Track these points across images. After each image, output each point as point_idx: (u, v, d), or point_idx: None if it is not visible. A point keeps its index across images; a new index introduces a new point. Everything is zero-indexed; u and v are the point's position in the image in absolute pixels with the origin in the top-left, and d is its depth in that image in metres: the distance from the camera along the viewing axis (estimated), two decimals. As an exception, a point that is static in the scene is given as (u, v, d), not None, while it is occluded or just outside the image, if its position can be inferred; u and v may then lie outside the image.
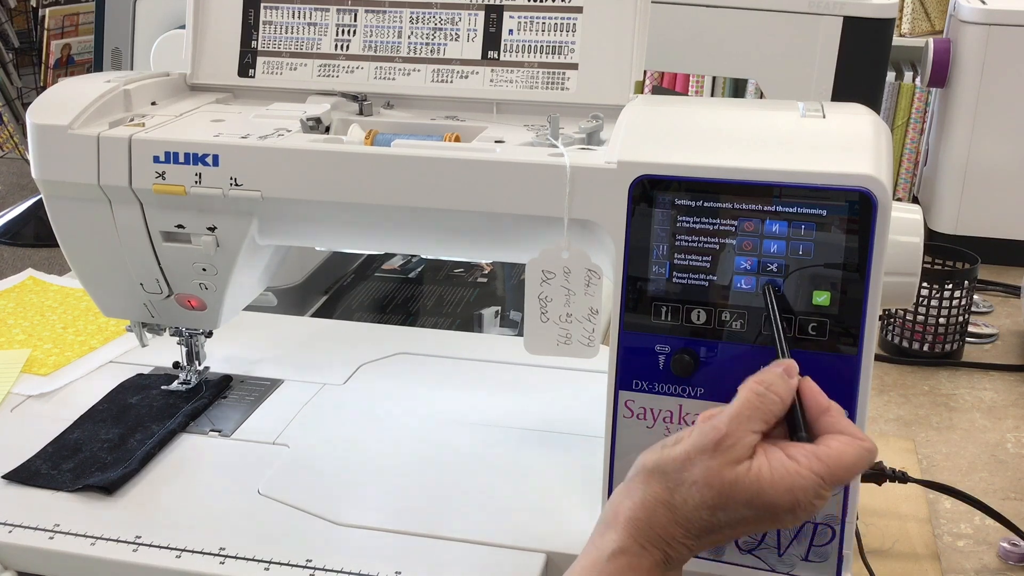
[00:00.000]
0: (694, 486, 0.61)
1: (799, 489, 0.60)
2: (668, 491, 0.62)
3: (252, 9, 0.90)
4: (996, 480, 1.00)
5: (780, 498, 0.60)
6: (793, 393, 0.65)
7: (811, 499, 0.61)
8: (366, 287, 1.35)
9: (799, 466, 0.61)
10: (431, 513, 0.83)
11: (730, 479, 0.61)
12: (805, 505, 0.61)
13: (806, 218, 0.70)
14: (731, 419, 0.63)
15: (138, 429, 0.94)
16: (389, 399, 1.01)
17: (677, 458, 0.63)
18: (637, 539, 0.62)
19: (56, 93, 0.86)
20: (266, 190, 0.80)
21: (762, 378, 0.65)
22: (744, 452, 0.62)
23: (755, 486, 0.61)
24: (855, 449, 0.62)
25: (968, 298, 1.22)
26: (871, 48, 1.12)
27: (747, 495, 0.61)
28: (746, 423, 0.63)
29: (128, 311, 0.94)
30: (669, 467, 0.63)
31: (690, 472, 0.62)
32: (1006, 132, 1.51)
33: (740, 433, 0.62)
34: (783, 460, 0.61)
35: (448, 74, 0.87)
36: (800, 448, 0.62)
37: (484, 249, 0.96)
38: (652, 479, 0.63)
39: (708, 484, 0.61)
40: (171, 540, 0.79)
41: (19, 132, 2.04)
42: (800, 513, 0.61)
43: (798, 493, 0.60)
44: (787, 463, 0.61)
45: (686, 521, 0.62)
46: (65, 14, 2.03)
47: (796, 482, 0.60)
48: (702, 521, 0.62)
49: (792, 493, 0.60)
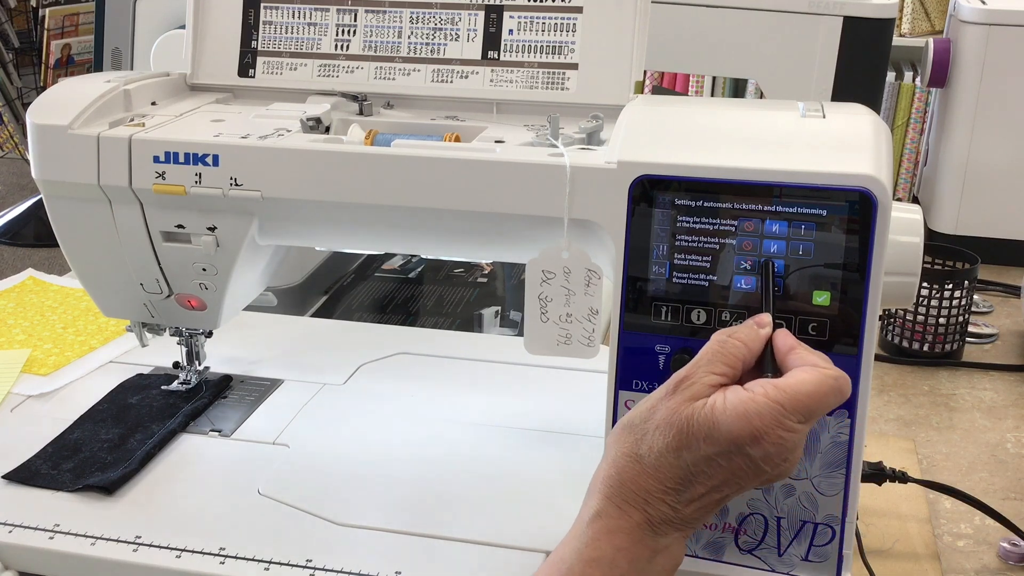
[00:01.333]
0: (657, 430, 0.62)
1: (754, 415, 0.60)
2: (635, 443, 0.62)
3: (252, 9, 0.90)
4: (996, 480, 1.00)
5: (735, 425, 0.60)
6: (761, 342, 0.65)
7: (773, 428, 0.60)
8: (366, 287, 1.35)
9: (754, 394, 0.61)
10: (431, 513, 0.83)
11: (686, 414, 0.61)
12: (769, 436, 0.59)
13: (806, 218, 0.70)
14: (692, 364, 0.64)
15: (138, 429, 0.94)
16: (389, 399, 1.01)
17: (643, 411, 0.64)
18: (612, 500, 0.62)
19: (56, 93, 0.86)
20: (266, 190, 0.80)
21: (730, 328, 0.66)
22: (702, 390, 0.62)
23: (709, 417, 0.60)
24: (817, 376, 0.61)
25: (968, 298, 1.22)
26: (871, 48, 1.12)
27: (704, 429, 0.60)
28: (706, 365, 0.63)
29: (128, 311, 0.94)
30: (636, 420, 0.63)
31: (653, 419, 0.62)
32: (1006, 132, 1.51)
33: (699, 374, 0.63)
34: (739, 392, 0.61)
35: (448, 74, 0.87)
36: (760, 381, 0.62)
37: (484, 249, 0.96)
38: (622, 435, 0.64)
39: (668, 423, 0.61)
40: (171, 540, 0.79)
41: (19, 132, 2.04)
42: (767, 445, 0.60)
43: (754, 420, 0.60)
44: (742, 393, 0.61)
45: (655, 470, 0.61)
46: (65, 14, 2.03)
47: (750, 408, 0.60)
48: (670, 467, 0.61)
49: (747, 419, 0.60)
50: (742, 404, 0.60)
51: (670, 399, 0.62)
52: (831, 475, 0.72)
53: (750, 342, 0.65)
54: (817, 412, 0.61)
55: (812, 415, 0.61)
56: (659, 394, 0.64)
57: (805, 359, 0.63)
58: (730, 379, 0.64)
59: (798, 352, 0.64)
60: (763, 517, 0.74)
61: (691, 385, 0.62)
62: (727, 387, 0.63)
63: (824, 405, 0.61)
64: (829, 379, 0.61)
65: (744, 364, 0.65)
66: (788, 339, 0.65)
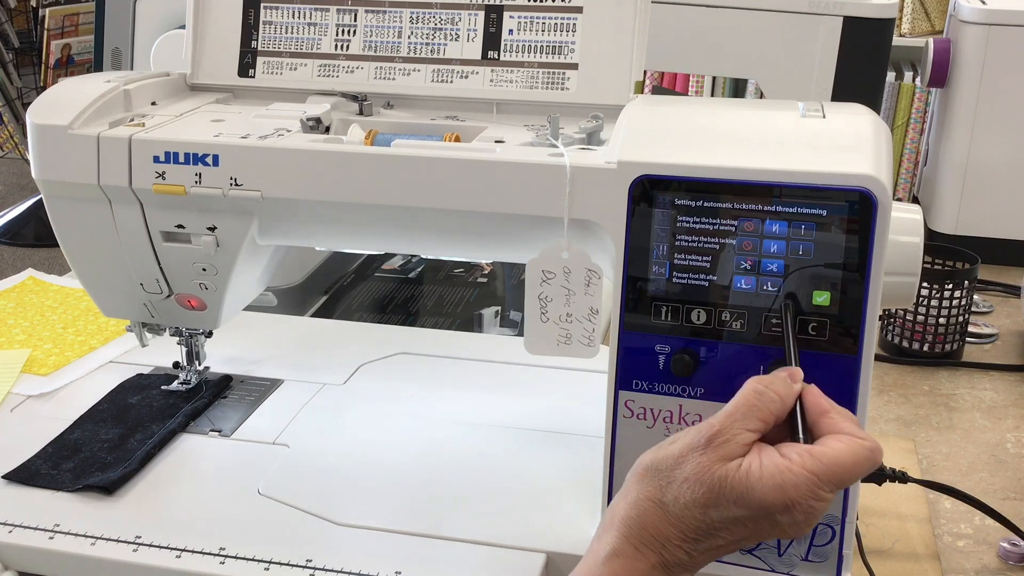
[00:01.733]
0: (685, 483, 0.61)
1: (790, 486, 0.59)
2: (660, 489, 0.62)
3: (252, 9, 0.90)
4: (996, 480, 1.00)
5: (769, 495, 0.59)
6: (794, 397, 0.64)
7: (806, 498, 0.59)
8: (366, 287, 1.35)
9: (791, 463, 0.60)
10: (431, 513, 0.83)
11: (720, 475, 0.60)
12: (801, 505, 0.59)
13: (806, 218, 0.70)
14: (726, 416, 0.62)
15: (138, 429, 0.94)
16: (389, 399, 1.01)
17: (670, 456, 0.62)
18: (631, 540, 0.61)
19: (56, 93, 0.86)
20: (266, 190, 0.80)
21: (763, 378, 0.65)
22: (737, 450, 0.61)
23: (744, 482, 0.60)
24: (853, 447, 0.61)
25: (968, 298, 1.22)
26: (871, 48, 1.12)
27: (736, 492, 0.60)
28: (741, 420, 0.62)
29: (128, 311, 0.94)
30: (663, 465, 0.62)
31: (682, 469, 0.61)
32: (1006, 132, 1.51)
33: (734, 430, 0.62)
34: (775, 458, 0.60)
35: (448, 74, 0.87)
36: (795, 447, 0.61)
37: (484, 249, 0.96)
38: (646, 478, 0.63)
39: (699, 480, 0.60)
40: (171, 540, 0.79)
41: (19, 132, 2.04)
42: (796, 514, 0.59)
43: (790, 491, 0.59)
44: (778, 460, 0.60)
45: (678, 520, 0.61)
46: (65, 14, 2.03)
47: (787, 479, 0.59)
48: (695, 520, 0.61)
49: (783, 491, 0.59)
50: (779, 474, 0.59)
51: (703, 454, 0.61)
52: (831, 475, 0.72)
53: (785, 397, 0.64)
54: (848, 482, 0.61)
55: (843, 484, 0.61)
56: (688, 442, 0.62)
57: (839, 426, 0.62)
58: (762, 434, 0.63)
59: (832, 417, 0.63)
60: (763, 517, 0.74)
61: (725, 442, 0.61)
62: (761, 448, 0.62)
63: (856, 475, 0.61)
64: (865, 451, 0.61)
65: (777, 419, 0.64)
66: (821, 400, 0.64)
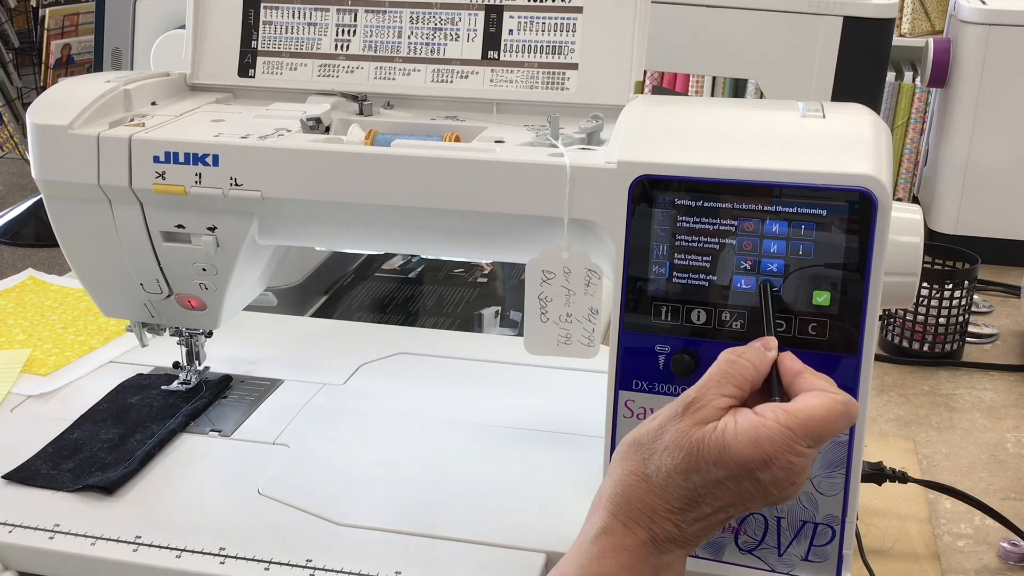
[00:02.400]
0: (665, 451, 0.62)
1: (765, 440, 0.60)
2: (643, 462, 0.62)
3: (252, 9, 0.90)
4: (996, 480, 1.00)
5: (746, 450, 0.60)
6: (768, 364, 0.65)
7: (783, 452, 0.60)
8: (366, 287, 1.35)
9: (764, 419, 0.61)
10: (431, 513, 0.83)
11: (696, 437, 0.61)
12: (779, 460, 0.60)
13: (806, 218, 0.70)
14: (701, 384, 0.64)
15: (138, 429, 0.94)
16: (389, 399, 1.01)
17: (651, 430, 0.63)
18: (618, 516, 0.62)
19: (56, 93, 0.86)
20: (266, 190, 0.80)
21: (735, 348, 0.66)
22: (713, 413, 0.62)
23: (720, 441, 0.60)
24: (826, 401, 0.61)
25: (968, 298, 1.22)
26: (871, 48, 1.12)
27: (715, 453, 0.60)
28: (715, 387, 0.63)
29: (128, 311, 0.94)
30: (644, 439, 0.63)
31: (662, 440, 0.62)
32: (1006, 132, 1.51)
33: (709, 396, 0.63)
34: (749, 416, 0.61)
35: (448, 74, 0.87)
36: (769, 405, 0.62)
37: (484, 249, 0.96)
38: (629, 453, 0.63)
39: (677, 446, 0.61)
40: (171, 540, 0.79)
41: (19, 132, 2.04)
42: (776, 470, 0.60)
43: (765, 444, 0.60)
44: (752, 418, 0.61)
45: (662, 490, 0.61)
46: (65, 14, 2.04)
47: (760, 433, 0.60)
48: (678, 488, 0.61)
49: (758, 445, 0.60)
50: (753, 429, 0.60)
51: (680, 421, 0.62)
52: (831, 475, 0.72)
53: (759, 364, 0.65)
54: (826, 436, 0.62)
55: (821, 439, 0.62)
56: (667, 413, 0.63)
57: (813, 384, 0.63)
58: (739, 400, 0.64)
59: (805, 376, 0.64)
60: (763, 517, 0.74)
61: (701, 408, 0.62)
62: (737, 410, 0.62)
63: (833, 429, 0.62)
64: (838, 404, 0.62)
65: (752, 386, 0.65)
66: (794, 363, 0.65)
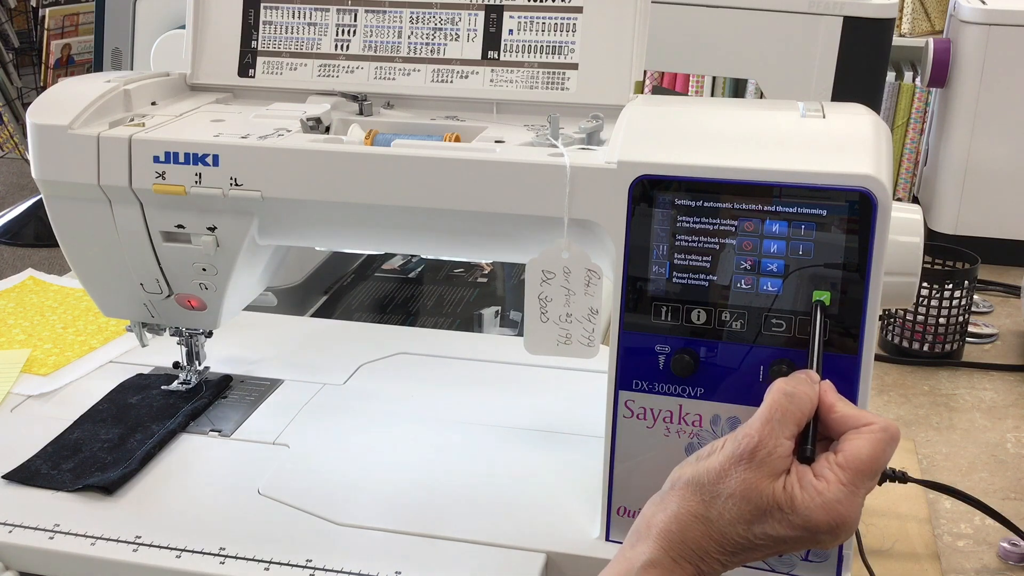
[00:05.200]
0: (730, 499, 0.61)
1: (834, 503, 0.60)
2: (704, 504, 0.61)
3: (252, 9, 0.90)
4: (996, 480, 1.00)
5: (816, 515, 0.60)
6: (817, 398, 0.65)
7: (855, 511, 0.60)
8: (366, 287, 1.35)
9: (828, 483, 0.60)
10: (431, 513, 0.83)
11: (766, 494, 0.60)
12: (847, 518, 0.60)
13: (806, 218, 0.70)
14: (762, 424, 0.62)
15: (138, 429, 0.94)
16: (389, 399, 1.01)
17: (712, 470, 0.62)
18: (669, 552, 0.61)
19: (56, 93, 0.86)
20: (266, 190, 0.80)
21: (788, 380, 0.65)
22: (780, 464, 0.61)
23: (789, 504, 0.60)
24: (869, 440, 0.61)
25: (968, 298, 1.22)
26: (871, 48, 1.12)
27: (783, 513, 0.60)
28: (778, 428, 0.62)
29: (128, 311, 0.94)
30: (705, 479, 0.62)
31: (726, 484, 0.61)
32: (1006, 132, 1.51)
33: (774, 441, 0.62)
34: (811, 480, 0.61)
35: (448, 74, 0.87)
36: (823, 462, 0.62)
37: (484, 249, 0.96)
38: (687, 492, 0.62)
39: (745, 498, 0.61)
40: (171, 540, 0.79)
41: (19, 132, 2.05)
42: (841, 532, 0.60)
43: (836, 507, 0.60)
44: (816, 483, 0.61)
45: (721, 536, 0.61)
46: (65, 14, 2.04)
47: (827, 498, 0.60)
48: (738, 536, 0.61)
49: (828, 510, 0.60)
50: (820, 495, 0.60)
51: (747, 469, 0.61)
52: (831, 475, 0.72)
53: (813, 398, 0.64)
54: (880, 471, 0.62)
55: (877, 475, 0.62)
56: (728, 453, 0.62)
57: (847, 421, 0.63)
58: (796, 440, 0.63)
59: (838, 409, 0.64)
60: (763, 517, 0.74)
61: (768, 456, 0.61)
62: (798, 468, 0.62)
63: (883, 462, 0.62)
64: (881, 438, 0.62)
65: (807, 420, 0.64)
66: (826, 396, 0.65)
